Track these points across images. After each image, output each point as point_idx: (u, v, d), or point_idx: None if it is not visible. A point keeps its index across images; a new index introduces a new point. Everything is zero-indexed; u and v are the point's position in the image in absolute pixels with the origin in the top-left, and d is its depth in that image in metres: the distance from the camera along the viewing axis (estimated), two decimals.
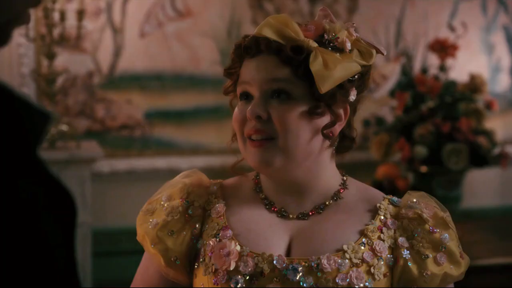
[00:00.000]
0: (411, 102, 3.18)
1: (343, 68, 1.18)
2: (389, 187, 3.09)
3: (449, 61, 3.27)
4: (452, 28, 3.49)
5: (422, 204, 1.25)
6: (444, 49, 3.24)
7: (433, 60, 3.36)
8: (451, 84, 3.20)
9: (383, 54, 1.25)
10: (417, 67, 3.47)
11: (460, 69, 3.39)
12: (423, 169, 3.11)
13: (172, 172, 1.40)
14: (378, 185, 3.10)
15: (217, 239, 1.22)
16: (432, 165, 3.10)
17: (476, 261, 2.79)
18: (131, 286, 1.33)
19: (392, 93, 3.25)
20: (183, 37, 3.30)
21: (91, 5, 3.18)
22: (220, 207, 1.26)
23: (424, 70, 3.30)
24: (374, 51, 1.22)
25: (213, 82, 3.31)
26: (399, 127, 3.17)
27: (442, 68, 3.25)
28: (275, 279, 1.17)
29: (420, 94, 3.17)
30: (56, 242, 0.67)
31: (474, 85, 3.24)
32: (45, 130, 0.69)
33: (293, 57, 1.17)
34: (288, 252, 1.21)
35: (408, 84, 3.23)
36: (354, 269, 1.17)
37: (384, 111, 3.37)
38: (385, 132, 3.20)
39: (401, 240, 1.21)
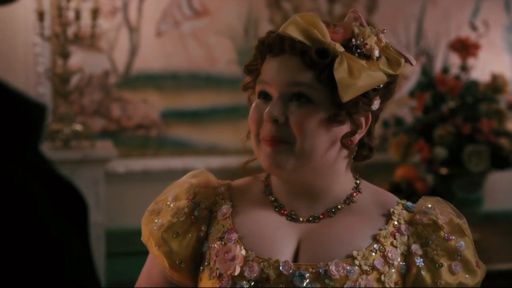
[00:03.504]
0: (431, 103, 3.12)
1: (368, 77, 1.13)
2: (407, 189, 3.04)
3: (471, 61, 3.21)
4: (474, 27, 3.42)
5: (437, 210, 1.21)
6: (465, 48, 3.17)
7: (454, 60, 3.30)
8: (473, 84, 3.14)
9: (412, 64, 1.20)
10: (438, 67, 3.41)
11: (482, 69, 3.32)
12: (443, 171, 3.05)
13: (188, 173, 1.38)
14: (396, 187, 3.05)
15: (222, 243, 1.19)
16: (452, 167, 3.04)
17: (496, 265, 2.73)
18: (135, 287, 1.30)
19: (412, 93, 3.19)
20: (200, 36, 3.28)
21: (107, 4, 3.16)
22: (226, 208, 1.23)
23: (445, 70, 3.24)
24: (402, 60, 1.17)
25: (229, 82, 3.28)
26: (418, 128, 3.11)
27: (464, 67, 3.19)
28: (281, 285, 1.13)
29: (440, 94, 3.11)
30: (67, 245, 0.64)
31: (496, 85, 3.17)
32: (42, 124, 0.65)
33: (317, 61, 1.13)
34: (296, 256, 1.17)
35: (429, 84, 3.18)
36: (364, 276, 1.13)
37: (404, 112, 3.31)
38: (404, 133, 3.14)
39: (415, 247, 1.17)
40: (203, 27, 3.28)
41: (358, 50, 1.15)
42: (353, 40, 1.16)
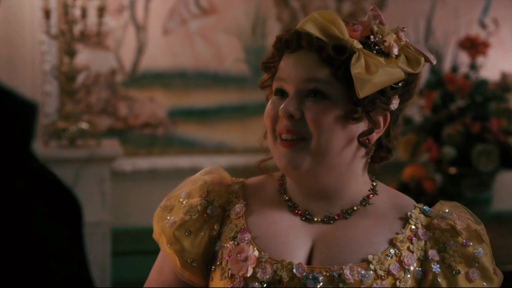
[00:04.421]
0: (440, 101, 3.10)
1: (385, 73, 1.11)
2: (415, 189, 3.01)
3: (480, 59, 3.18)
4: (483, 25, 3.40)
5: (455, 215, 1.18)
6: (474, 46, 3.15)
7: (464, 58, 3.27)
8: (482, 83, 3.12)
9: (432, 63, 1.18)
10: (447, 65, 3.38)
11: (492, 68, 3.30)
12: (452, 170, 3.03)
13: (195, 172, 1.37)
14: (405, 187, 3.03)
15: (235, 242, 1.17)
16: (461, 166, 3.02)
17: (506, 266, 2.70)
18: (145, 285, 1.29)
19: (421, 92, 3.17)
20: (207, 34, 3.26)
21: (114, 2, 3.15)
22: (239, 207, 1.21)
23: (454, 69, 3.21)
24: (422, 59, 1.16)
25: (237, 80, 3.26)
26: (427, 127, 3.09)
27: (473, 66, 3.16)
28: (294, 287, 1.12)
29: (449, 93, 3.09)
30: (57, 246, 0.63)
31: (506, 84, 3.15)
32: (34, 124, 0.63)
33: (334, 57, 1.11)
34: (310, 258, 1.15)
35: (437, 82, 3.16)
36: (379, 281, 1.11)
37: (412, 111, 3.29)
38: (412, 132, 3.12)
39: (432, 252, 1.15)
40: (210, 25, 3.26)
41: (377, 47, 1.14)
42: (372, 37, 1.14)
